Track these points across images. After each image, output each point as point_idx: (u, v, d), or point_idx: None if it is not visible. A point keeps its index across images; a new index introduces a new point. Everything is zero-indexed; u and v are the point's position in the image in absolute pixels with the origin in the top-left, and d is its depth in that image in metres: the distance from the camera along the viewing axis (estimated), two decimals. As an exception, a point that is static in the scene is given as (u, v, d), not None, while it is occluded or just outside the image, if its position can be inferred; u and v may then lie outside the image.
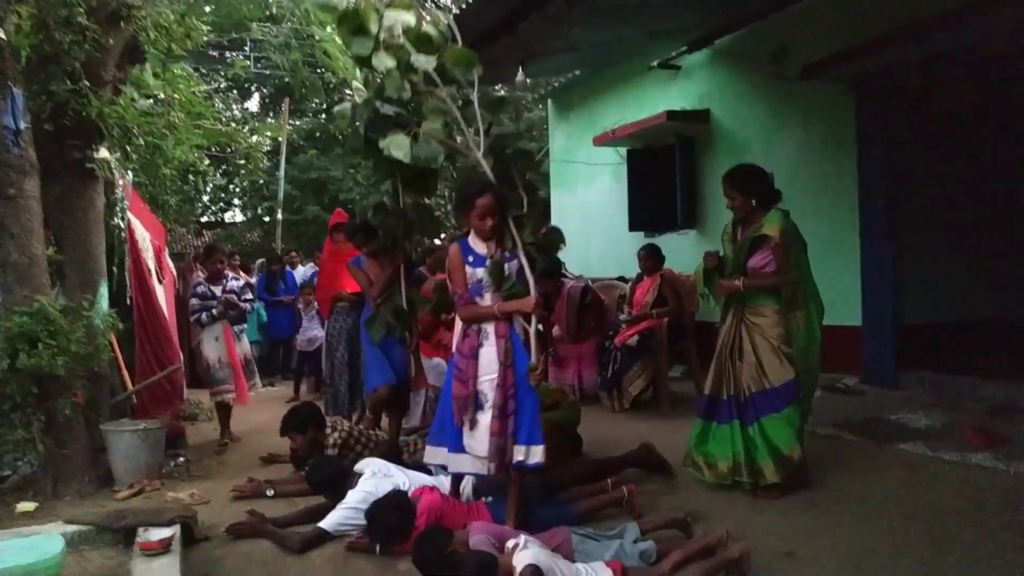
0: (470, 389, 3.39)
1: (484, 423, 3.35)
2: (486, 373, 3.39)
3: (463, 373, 3.43)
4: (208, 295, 6.09)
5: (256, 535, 3.75)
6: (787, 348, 3.95)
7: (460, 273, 3.51)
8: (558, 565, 2.79)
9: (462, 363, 3.45)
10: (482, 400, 3.39)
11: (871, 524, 3.52)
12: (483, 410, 3.37)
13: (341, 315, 6.03)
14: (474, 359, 3.41)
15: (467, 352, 3.45)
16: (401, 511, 3.44)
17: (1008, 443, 4.33)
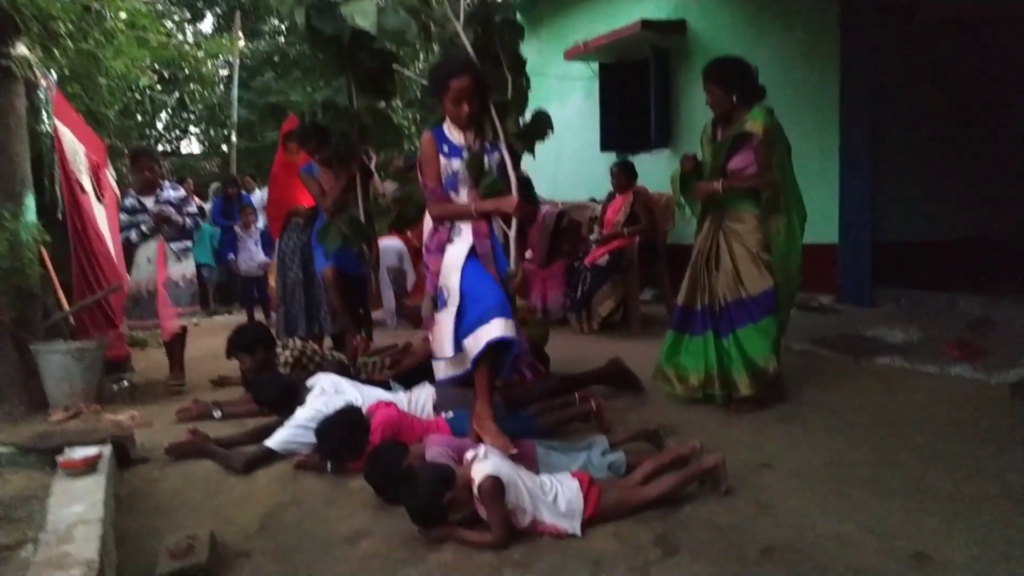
0: (430, 288, 3.11)
1: (444, 319, 3.03)
2: (452, 271, 3.06)
3: (427, 268, 3.17)
4: (138, 208, 5.16)
5: (198, 455, 3.49)
6: (766, 255, 3.72)
7: (433, 165, 3.13)
8: (520, 476, 2.57)
9: (428, 260, 3.16)
10: (443, 296, 3.07)
11: (850, 436, 3.36)
12: (445, 306, 3.06)
13: (295, 232, 5.55)
14: (440, 254, 3.10)
15: (434, 248, 3.13)
16: (354, 426, 3.19)
17: (987, 356, 4.20)
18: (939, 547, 2.30)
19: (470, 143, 3.14)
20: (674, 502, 2.71)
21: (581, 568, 2.30)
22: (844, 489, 2.79)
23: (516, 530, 2.51)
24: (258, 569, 2.43)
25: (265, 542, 2.62)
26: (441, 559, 2.43)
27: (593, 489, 2.62)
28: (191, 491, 3.14)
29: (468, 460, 2.67)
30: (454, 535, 2.52)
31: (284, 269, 5.48)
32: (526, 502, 2.51)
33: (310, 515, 2.83)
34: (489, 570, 2.33)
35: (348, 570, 2.39)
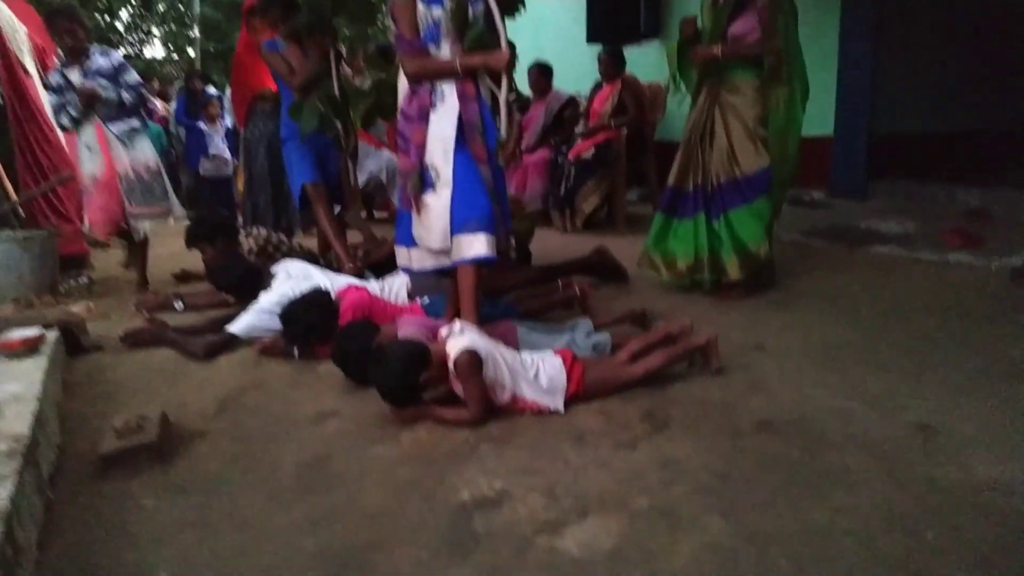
0: (414, 160, 2.69)
1: (436, 206, 2.66)
2: (438, 141, 2.67)
3: (408, 142, 2.73)
4: (64, 85, 4.17)
5: (156, 343, 3.28)
6: (763, 131, 3.46)
7: (408, 13, 2.69)
8: (499, 351, 2.38)
9: (408, 128, 2.73)
10: (431, 176, 2.68)
11: (844, 319, 3.19)
12: (433, 189, 2.67)
13: (261, 119, 5.10)
14: (423, 123, 2.69)
15: (415, 114, 2.71)
16: (322, 309, 2.96)
17: (986, 244, 4.03)
18: (944, 420, 2.16)
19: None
20: (662, 380, 2.55)
21: (564, 443, 2.14)
22: (842, 367, 2.64)
23: (495, 406, 2.34)
24: (215, 449, 2.24)
25: (223, 423, 2.43)
26: (415, 437, 2.25)
27: (577, 366, 2.44)
28: (146, 377, 2.93)
29: (443, 336, 2.46)
30: (429, 413, 2.34)
31: (249, 159, 5.11)
32: (505, 378, 2.32)
33: (273, 398, 2.64)
34: (466, 447, 2.16)
35: (313, 450, 2.20)
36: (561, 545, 1.64)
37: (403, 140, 2.75)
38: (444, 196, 2.65)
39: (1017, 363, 2.58)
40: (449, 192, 2.64)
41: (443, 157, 2.67)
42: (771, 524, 1.66)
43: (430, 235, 2.70)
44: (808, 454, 1.99)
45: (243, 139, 5.19)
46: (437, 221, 2.66)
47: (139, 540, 1.77)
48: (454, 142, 2.65)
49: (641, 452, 2.06)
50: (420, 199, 2.69)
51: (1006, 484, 1.78)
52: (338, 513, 1.84)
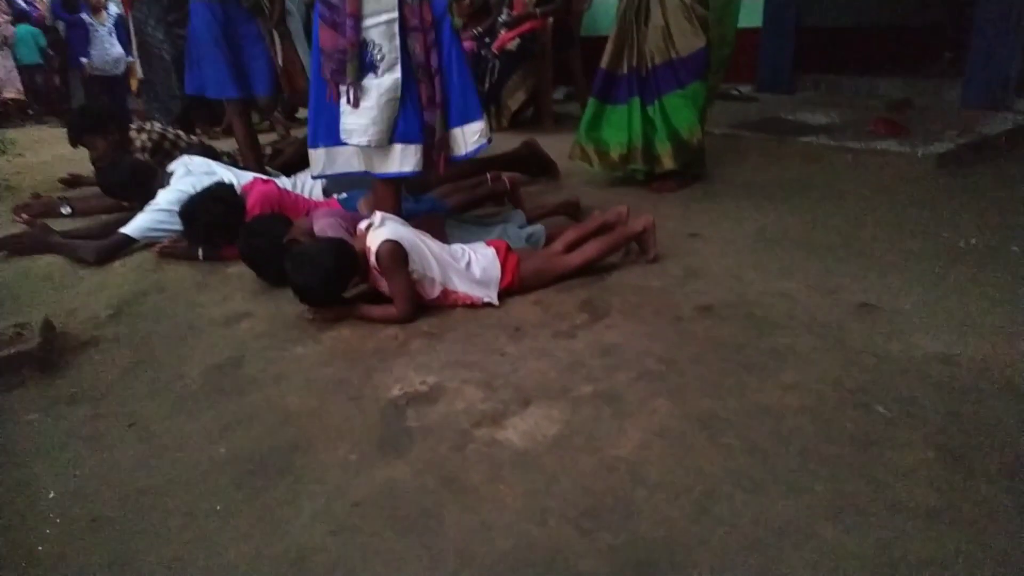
0: (351, 37, 2.16)
1: (376, 93, 2.21)
2: (378, 10, 2.17)
3: (333, 10, 2.17)
4: None
5: (38, 250, 2.93)
6: (701, 9, 3.27)
7: None
8: (425, 242, 2.19)
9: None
10: (372, 55, 2.20)
11: (778, 207, 3.14)
12: (375, 72, 2.21)
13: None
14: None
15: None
16: (226, 203, 2.68)
17: (910, 133, 4.03)
18: (882, 297, 2.13)
19: None
20: (599, 270, 2.43)
21: (500, 335, 2.00)
22: (778, 252, 2.58)
23: (424, 302, 2.17)
24: (109, 357, 2.00)
25: (119, 329, 2.18)
26: (337, 336, 2.07)
27: (511, 256, 2.28)
28: (29, 285, 2.62)
29: (362, 230, 2.25)
30: (352, 312, 2.15)
31: (145, 47, 4.56)
32: (434, 270, 2.15)
33: (176, 302, 2.39)
34: (394, 343, 1.99)
35: (223, 353, 2.00)
36: (502, 436, 1.52)
37: (329, 9, 2.18)
38: (387, 81, 2.21)
39: (947, 243, 2.58)
40: (396, 78, 2.20)
41: (384, 33, 2.18)
42: (720, 406, 1.58)
43: (366, 130, 2.23)
44: (753, 335, 1.92)
45: (132, 19, 4.60)
46: (380, 112, 2.22)
47: (22, 457, 1.55)
48: (396, 12, 2.18)
49: (581, 340, 1.95)
50: (358, 86, 2.22)
51: (948, 356, 1.76)
52: (253, 417, 1.66)
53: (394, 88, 2.22)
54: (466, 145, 2.37)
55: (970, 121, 4.13)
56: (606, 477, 1.37)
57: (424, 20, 2.20)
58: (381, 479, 1.39)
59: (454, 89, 2.30)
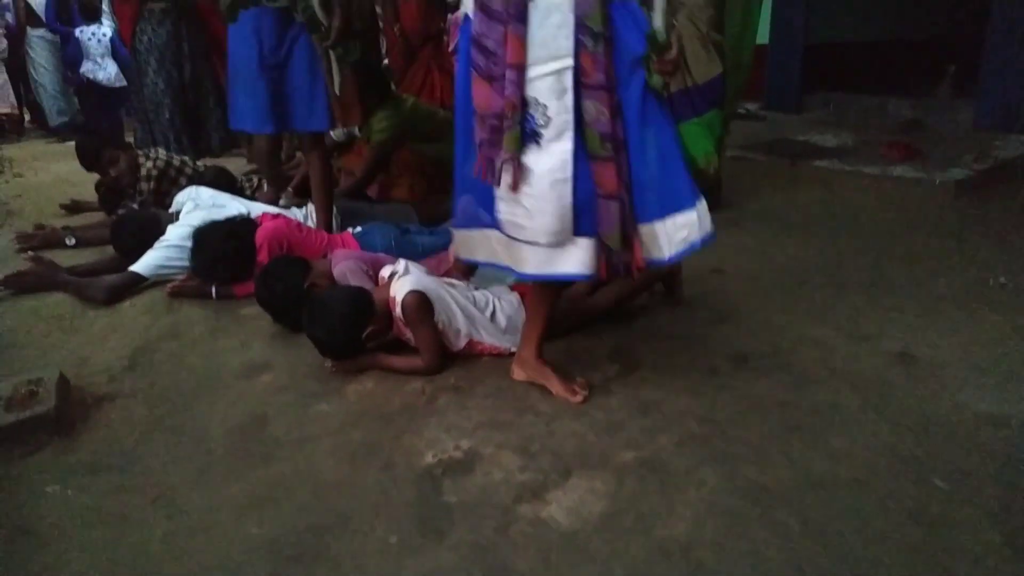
0: (508, 95, 1.59)
1: (543, 170, 1.60)
2: (545, 56, 1.58)
3: (490, 58, 1.60)
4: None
5: (45, 287, 2.85)
6: (717, 36, 3.23)
7: None
8: (449, 292, 2.13)
9: (488, 34, 1.60)
10: (534, 119, 1.59)
11: (799, 238, 3.10)
12: (537, 143, 1.61)
13: (151, 23, 4.33)
14: (519, 24, 1.56)
15: (498, 8, 1.58)
16: (237, 237, 2.61)
17: (925, 156, 3.99)
18: (920, 346, 2.08)
19: None
20: (625, 315, 2.38)
21: (531, 389, 1.94)
22: (806, 291, 2.53)
23: (450, 353, 2.11)
24: (127, 415, 1.93)
25: (135, 382, 2.11)
26: (362, 390, 2.01)
27: (536, 302, 2.22)
28: (37, 329, 2.53)
29: (384, 278, 2.19)
30: (376, 362, 2.09)
31: (141, 77, 4.43)
32: (459, 321, 2.09)
33: (192, 349, 2.32)
34: (422, 399, 1.93)
35: (246, 410, 1.93)
36: (546, 514, 1.46)
37: (484, 57, 1.61)
38: (555, 157, 1.60)
39: (976, 282, 2.54)
40: (566, 151, 1.59)
41: (555, 84, 1.58)
42: (770, 477, 1.53)
43: (535, 219, 1.63)
44: (793, 392, 1.86)
45: (132, 49, 4.40)
46: (548, 200, 1.60)
47: (45, 538, 1.48)
48: (572, 57, 1.57)
49: (616, 397, 1.89)
50: (519, 163, 1.62)
51: (999, 417, 1.71)
52: (283, 488, 1.59)
53: (563, 166, 1.59)
54: (670, 245, 1.66)
55: (985, 144, 4.10)
56: (661, 564, 1.31)
57: (609, 73, 1.58)
58: (426, 569, 1.33)
59: (650, 168, 1.64)
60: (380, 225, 2.94)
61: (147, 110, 4.41)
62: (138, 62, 4.42)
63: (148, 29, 4.32)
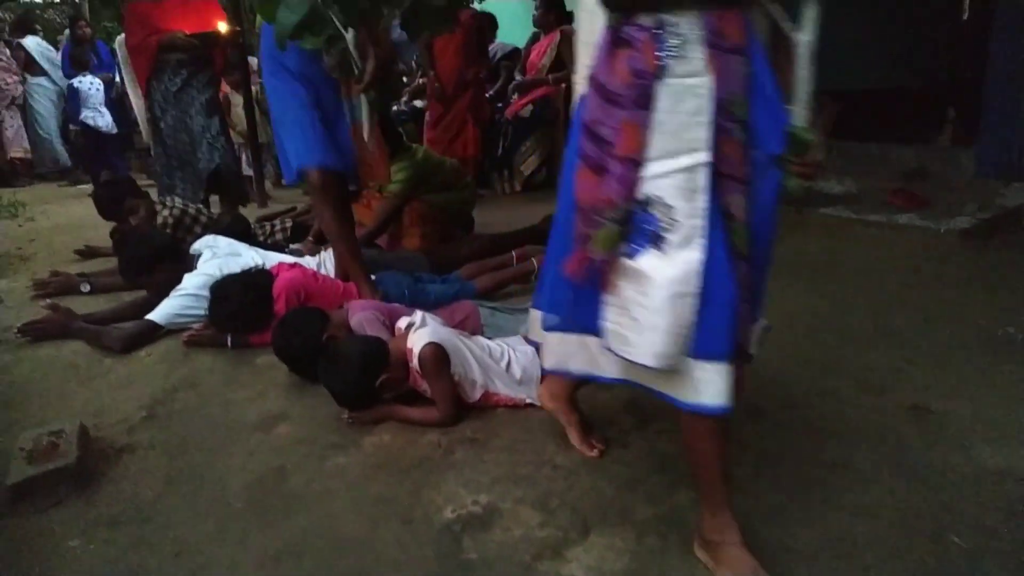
0: (616, 190, 1.32)
1: (660, 279, 1.30)
2: (675, 149, 1.29)
3: (603, 147, 1.35)
4: None
5: (62, 335, 2.88)
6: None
7: None
8: (465, 343, 2.16)
9: (605, 121, 1.34)
10: (655, 221, 1.31)
11: (807, 286, 3.12)
12: (656, 247, 1.31)
13: (168, 73, 4.38)
14: (641, 110, 1.29)
15: (625, 89, 1.30)
16: (255, 289, 2.65)
17: (931, 204, 4.05)
18: (932, 399, 2.09)
19: None
20: (638, 364, 2.39)
21: (547, 442, 1.96)
22: (817, 341, 2.55)
23: (466, 404, 2.13)
24: (147, 467, 1.95)
25: (154, 433, 2.12)
26: (378, 442, 2.02)
27: (551, 353, 2.24)
28: (54, 378, 2.56)
29: (401, 329, 2.22)
30: (392, 414, 2.11)
31: (157, 126, 4.44)
32: (475, 372, 2.11)
33: (209, 399, 2.34)
34: (439, 452, 1.94)
35: (264, 463, 1.94)
36: (567, 572, 1.46)
37: (594, 144, 1.36)
38: (683, 263, 1.29)
39: (985, 332, 2.55)
40: (695, 260, 1.29)
41: (686, 183, 1.29)
42: (790, 535, 1.53)
43: (643, 335, 1.33)
44: (808, 446, 1.87)
45: (149, 99, 4.44)
46: (664, 310, 1.30)
47: (65, 593, 1.49)
48: (709, 151, 1.28)
49: (633, 450, 1.90)
50: (619, 264, 1.35)
51: (1017, 472, 1.72)
52: (304, 543, 1.60)
53: (687, 278, 1.29)
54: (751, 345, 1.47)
55: (988, 192, 4.15)
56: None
57: (748, 168, 1.32)
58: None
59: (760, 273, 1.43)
60: (393, 274, 2.97)
61: (166, 160, 4.48)
62: (154, 113, 4.47)
63: (165, 79, 4.39)
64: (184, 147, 4.43)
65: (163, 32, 4.24)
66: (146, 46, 4.30)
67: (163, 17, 4.25)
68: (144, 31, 4.28)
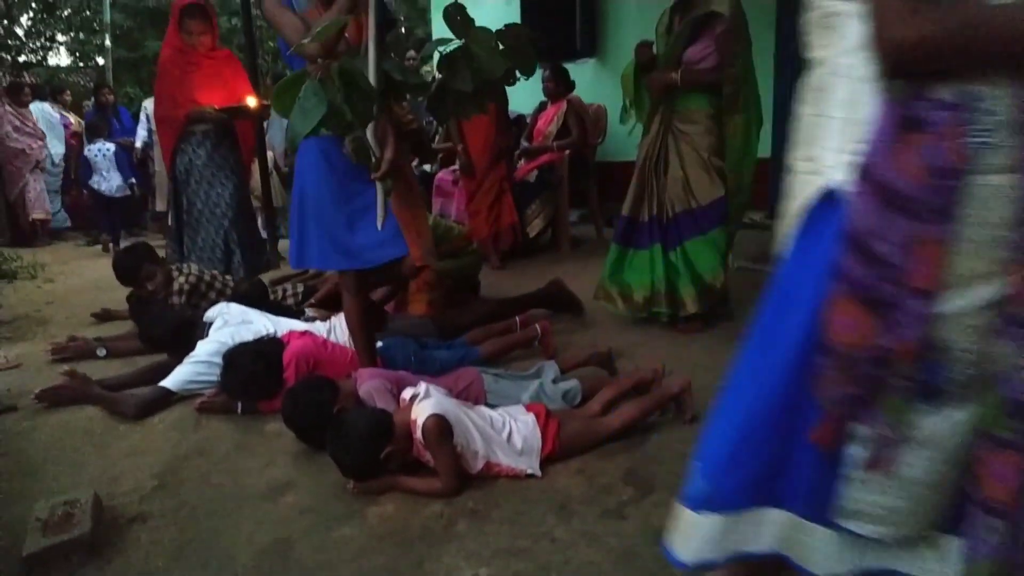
0: (907, 336, 0.99)
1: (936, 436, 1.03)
2: (980, 273, 0.96)
3: (881, 271, 1.00)
4: None
5: (78, 401, 2.97)
6: (718, 161, 3.43)
7: None
8: (468, 414, 2.22)
9: (885, 233, 1.00)
10: (942, 371, 1.00)
11: (806, 353, 3.18)
12: (932, 403, 1.02)
13: (192, 143, 4.40)
14: (945, 220, 0.96)
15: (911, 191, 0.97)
16: (266, 358, 2.73)
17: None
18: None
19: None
20: (638, 432, 2.45)
21: (547, 514, 2.00)
22: (814, 410, 2.59)
23: (468, 475, 2.18)
24: (158, 537, 2.00)
25: (165, 502, 2.19)
26: (382, 512, 2.07)
27: (551, 422, 2.31)
28: (70, 444, 2.64)
29: (405, 400, 2.29)
30: (396, 484, 2.16)
31: (178, 197, 4.48)
32: (477, 443, 2.17)
33: (219, 467, 2.40)
34: (440, 523, 1.99)
35: (271, 533, 1.99)
36: (563, 648, 1.50)
37: (865, 266, 1.02)
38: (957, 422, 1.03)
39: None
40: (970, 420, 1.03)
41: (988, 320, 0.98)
42: (782, 610, 1.57)
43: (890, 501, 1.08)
44: (802, 518, 1.91)
45: (173, 169, 4.47)
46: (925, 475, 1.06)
47: (76, 666, 1.53)
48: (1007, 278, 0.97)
49: (631, 523, 1.95)
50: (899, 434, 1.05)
51: None
52: (308, 617, 1.64)
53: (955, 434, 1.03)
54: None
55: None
56: None
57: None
58: None
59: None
60: (399, 340, 3.06)
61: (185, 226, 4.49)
62: (177, 184, 4.49)
63: (189, 150, 4.42)
64: (204, 215, 4.46)
65: (192, 104, 4.30)
66: (174, 118, 4.36)
67: (193, 89, 4.30)
68: (173, 103, 4.35)
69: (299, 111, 1.85)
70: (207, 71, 4.34)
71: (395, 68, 2.16)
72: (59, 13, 16.46)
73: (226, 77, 4.46)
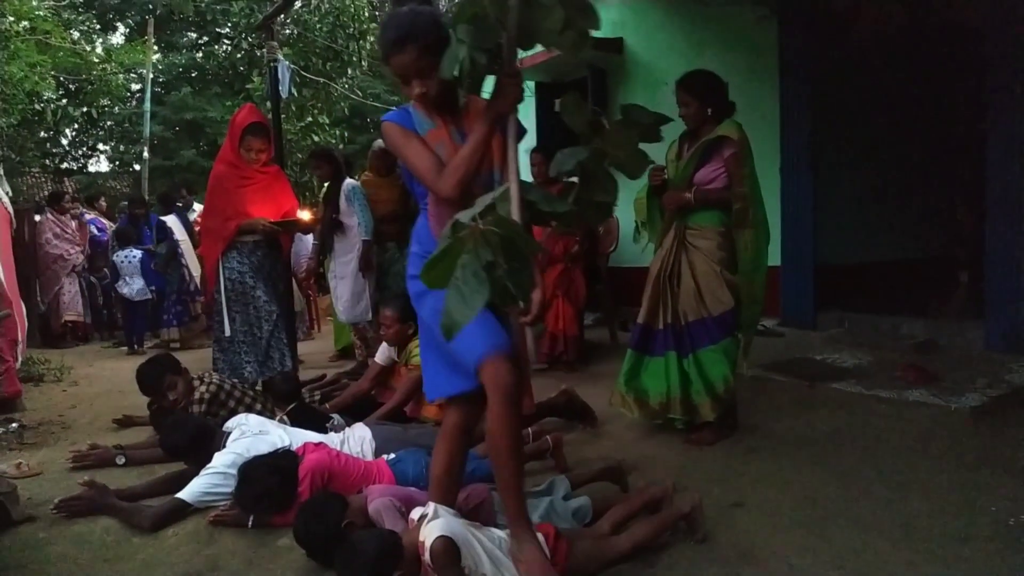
0: None
1: None
2: None
3: None
4: None
5: (96, 512, 3.01)
6: (730, 275, 3.55)
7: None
8: (476, 535, 2.24)
9: None
10: None
11: (818, 467, 3.17)
12: None
13: (241, 254, 4.40)
14: None
15: None
16: (281, 473, 2.78)
17: (941, 379, 4.13)
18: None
19: None
20: (648, 551, 2.44)
21: (554, 641, 1.99)
22: (825, 529, 2.58)
23: (475, 597, 2.18)
24: (165, 659, 2.01)
25: (174, 622, 2.20)
26: (389, 635, 2.07)
27: (560, 543, 2.31)
28: (85, 556, 2.67)
29: (414, 521, 2.31)
30: (403, 605, 2.16)
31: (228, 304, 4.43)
32: (485, 566, 2.17)
33: (229, 584, 2.42)
34: (447, 648, 1.98)
35: (277, 655, 1.99)
36: None
37: None
38: None
39: (994, 520, 2.57)
40: None
41: None
42: None
43: None
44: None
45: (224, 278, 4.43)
46: None
47: None
48: None
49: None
50: None
51: None
52: None
53: None
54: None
55: (997, 368, 4.23)
56: None
57: None
58: None
59: None
60: (413, 452, 3.10)
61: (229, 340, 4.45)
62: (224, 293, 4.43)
63: (238, 258, 4.42)
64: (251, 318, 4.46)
65: (244, 217, 4.39)
66: (224, 229, 4.41)
67: (245, 203, 4.42)
68: (224, 214, 4.43)
69: (457, 296, 1.51)
70: (259, 185, 4.54)
71: (541, 199, 1.93)
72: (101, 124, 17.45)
73: (275, 191, 4.65)
